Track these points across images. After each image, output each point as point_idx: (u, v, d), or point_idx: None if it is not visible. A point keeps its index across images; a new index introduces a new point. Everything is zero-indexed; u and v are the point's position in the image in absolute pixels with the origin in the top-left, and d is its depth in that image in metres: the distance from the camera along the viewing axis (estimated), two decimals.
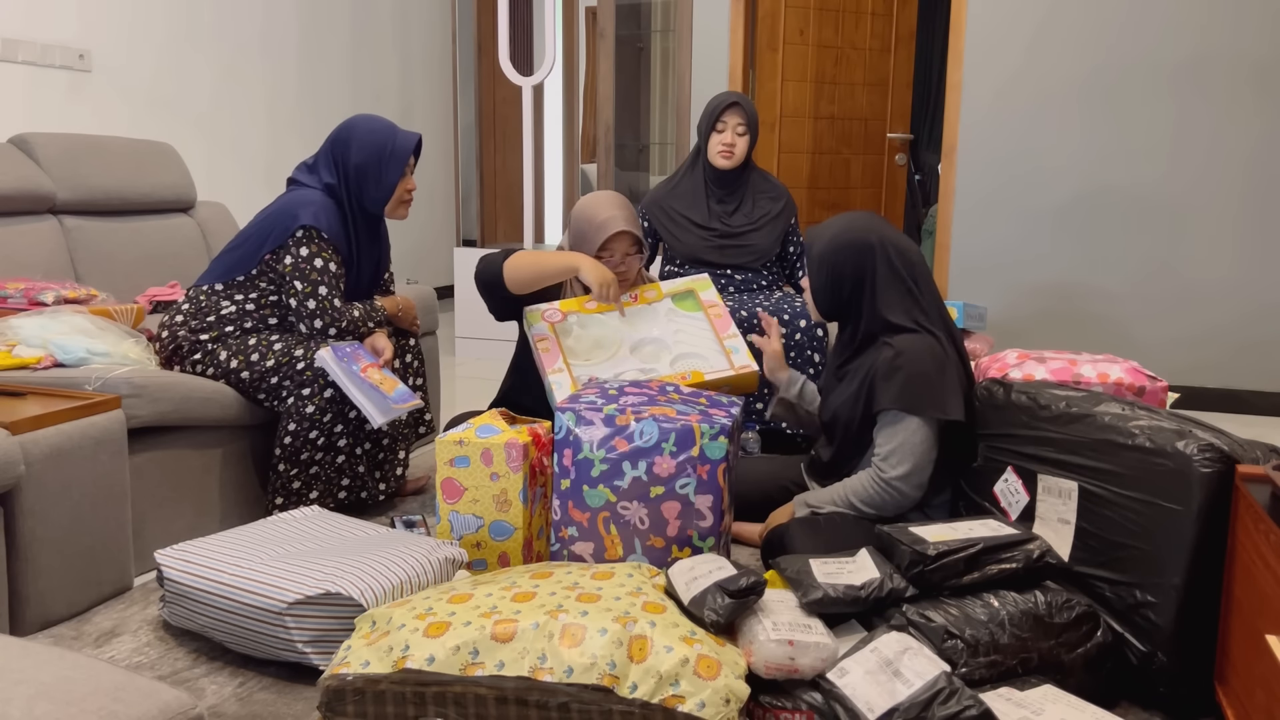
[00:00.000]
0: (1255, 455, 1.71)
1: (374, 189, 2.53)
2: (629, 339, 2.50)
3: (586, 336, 2.50)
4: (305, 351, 2.42)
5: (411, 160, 2.59)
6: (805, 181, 4.86)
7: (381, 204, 2.55)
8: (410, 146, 2.54)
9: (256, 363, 2.42)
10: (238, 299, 2.50)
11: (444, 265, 6.18)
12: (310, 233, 2.45)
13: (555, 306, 2.54)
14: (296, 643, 1.78)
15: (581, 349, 2.48)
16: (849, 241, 2.20)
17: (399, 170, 2.53)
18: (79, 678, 1.07)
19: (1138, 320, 4.11)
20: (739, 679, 1.51)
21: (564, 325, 2.52)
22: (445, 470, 2.10)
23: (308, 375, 2.39)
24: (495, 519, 2.09)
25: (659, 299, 2.58)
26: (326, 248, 2.47)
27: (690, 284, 2.61)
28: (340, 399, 2.41)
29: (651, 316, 2.55)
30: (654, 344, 2.50)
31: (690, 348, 2.49)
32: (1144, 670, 1.73)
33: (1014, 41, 4.15)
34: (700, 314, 2.56)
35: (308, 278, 2.45)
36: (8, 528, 1.91)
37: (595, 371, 2.44)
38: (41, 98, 3.76)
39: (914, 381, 2.10)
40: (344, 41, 5.44)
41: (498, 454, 2.07)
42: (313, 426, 2.41)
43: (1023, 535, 1.79)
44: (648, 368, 2.45)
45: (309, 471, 2.45)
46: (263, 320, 2.52)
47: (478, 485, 2.09)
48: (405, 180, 2.57)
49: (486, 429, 2.11)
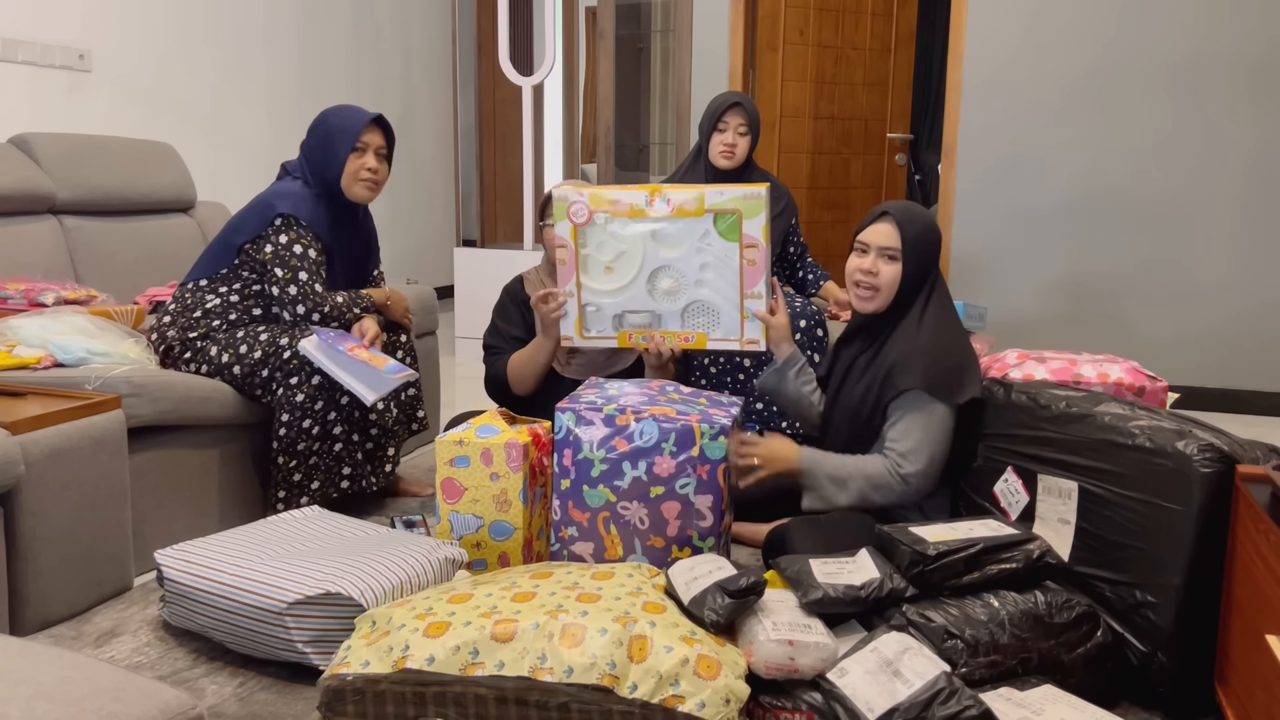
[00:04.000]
0: (1255, 455, 1.71)
1: (326, 167, 2.53)
2: (652, 260, 2.30)
3: (609, 245, 2.31)
4: (290, 340, 2.42)
5: (376, 141, 2.56)
6: (805, 181, 4.86)
7: (337, 180, 2.53)
8: (360, 121, 2.53)
9: (245, 354, 2.43)
10: (221, 291, 2.52)
11: (444, 265, 6.18)
12: (288, 220, 2.47)
13: (584, 200, 2.31)
14: (296, 643, 1.78)
15: (599, 261, 2.32)
16: (938, 228, 2.24)
17: (347, 145, 2.51)
18: (79, 678, 1.07)
19: (1138, 320, 4.11)
20: (739, 679, 1.51)
21: (588, 229, 2.31)
22: (445, 470, 2.10)
23: (294, 364, 2.39)
24: (495, 519, 2.09)
25: (699, 214, 2.25)
26: (305, 234, 2.48)
27: (740, 202, 2.23)
28: (330, 385, 2.41)
29: (684, 235, 2.28)
30: (674, 276, 2.31)
31: (708, 295, 2.29)
32: (1144, 670, 1.73)
33: (1014, 42, 4.15)
34: (735, 248, 2.26)
35: (288, 264, 2.46)
36: (8, 528, 1.91)
37: (603, 302, 2.33)
38: (41, 98, 3.76)
39: (939, 363, 2.11)
40: (344, 41, 5.44)
41: (498, 454, 2.07)
42: (305, 415, 2.41)
43: (1023, 535, 1.79)
44: (658, 310, 2.31)
45: (308, 462, 2.45)
46: (247, 311, 2.53)
47: (478, 485, 2.09)
48: (361, 158, 2.53)
49: (486, 429, 2.11)
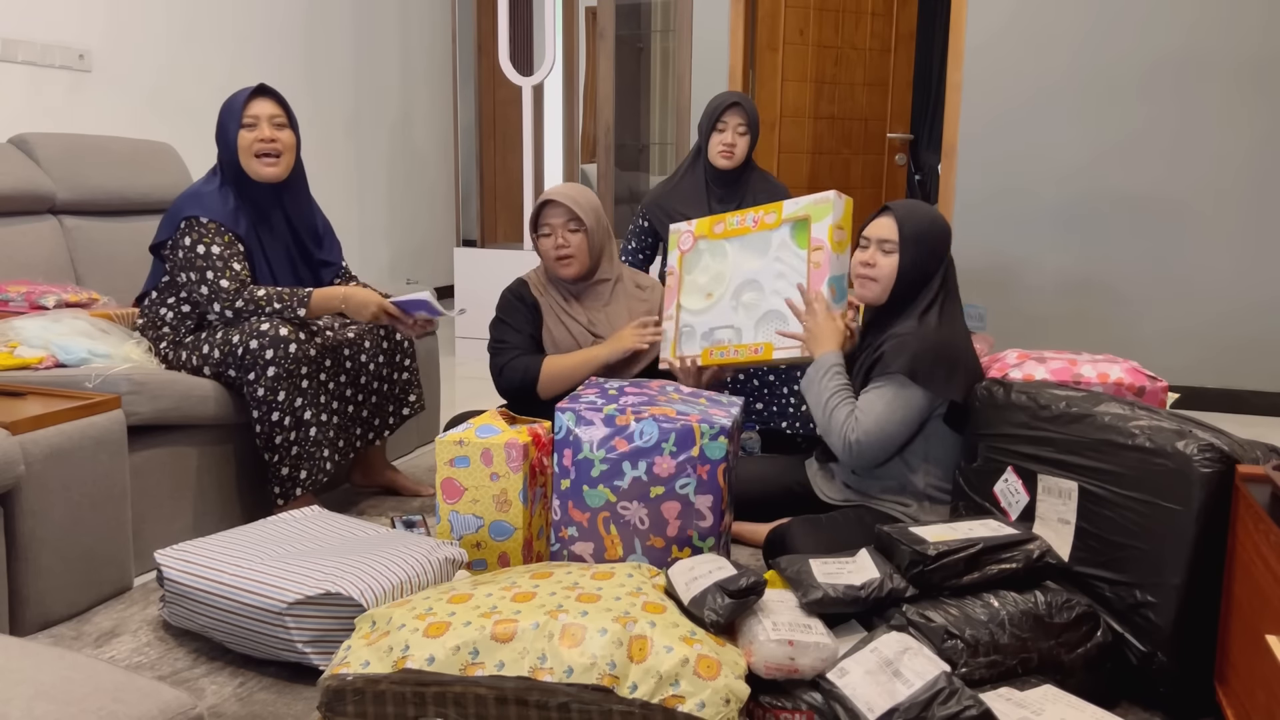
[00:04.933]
0: (1255, 455, 1.71)
1: (224, 150, 2.53)
2: (738, 274, 2.47)
3: (710, 267, 2.54)
4: (241, 335, 2.40)
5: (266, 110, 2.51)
6: (805, 181, 4.85)
7: (234, 158, 2.51)
8: (240, 95, 2.51)
9: (208, 355, 2.43)
10: (170, 302, 2.54)
11: (444, 265, 6.18)
12: (190, 222, 2.45)
13: (690, 230, 2.59)
14: (296, 643, 1.78)
15: (700, 285, 2.54)
16: (944, 226, 2.24)
17: (235, 123, 2.49)
18: (79, 678, 1.07)
19: (1138, 320, 4.11)
20: (739, 679, 1.51)
21: (693, 255, 2.57)
22: (445, 470, 2.10)
23: (247, 359, 2.38)
24: (495, 519, 2.09)
25: (775, 226, 2.39)
26: (209, 233, 2.45)
27: (810, 208, 2.34)
28: (288, 374, 2.39)
29: (764, 246, 2.41)
30: (754, 289, 2.43)
31: (781, 303, 2.38)
32: (1144, 670, 1.73)
33: (1014, 41, 4.15)
34: (805, 254, 2.34)
35: (195, 266, 2.44)
36: (8, 528, 1.91)
37: (696, 321, 2.53)
38: (41, 98, 3.76)
39: (929, 353, 2.11)
40: (344, 41, 5.44)
41: (498, 454, 2.07)
42: (271, 409, 2.40)
43: (1023, 535, 1.79)
44: (738, 323, 2.45)
45: (291, 454, 2.44)
46: (202, 318, 2.54)
47: (478, 485, 2.09)
48: (255, 131, 2.50)
49: (486, 429, 2.11)
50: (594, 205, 2.63)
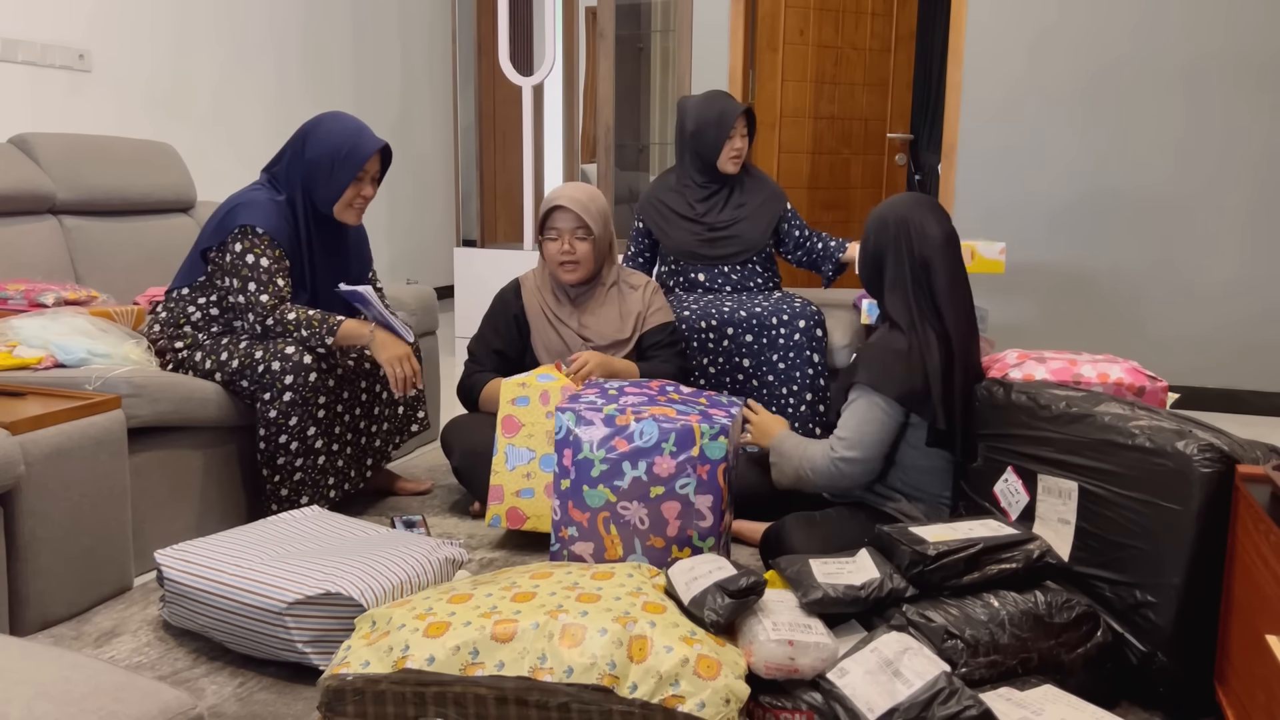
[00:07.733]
0: (1255, 455, 1.71)
1: (324, 188, 2.49)
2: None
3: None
4: (264, 354, 2.39)
5: (375, 169, 2.54)
6: (805, 181, 4.85)
7: (330, 204, 2.50)
8: (369, 151, 2.48)
9: (225, 363, 2.42)
10: (200, 303, 2.52)
11: (444, 265, 6.18)
12: (245, 230, 2.43)
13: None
14: (296, 643, 1.78)
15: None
16: (877, 216, 2.24)
17: (352, 173, 2.47)
18: (79, 678, 1.07)
19: (1138, 320, 4.11)
20: (739, 679, 1.51)
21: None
22: (507, 409, 2.41)
23: (266, 379, 2.37)
24: (545, 452, 2.37)
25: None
26: (260, 244, 2.43)
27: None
28: (304, 400, 2.39)
29: None
30: None
31: None
32: (1144, 670, 1.73)
33: (1014, 41, 4.15)
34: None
35: (239, 273, 2.43)
36: (8, 528, 1.91)
37: None
38: (41, 98, 3.76)
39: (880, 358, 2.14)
40: (344, 41, 5.44)
41: (555, 396, 2.39)
42: (280, 431, 2.39)
43: (1023, 535, 1.79)
44: None
45: (294, 478, 2.44)
46: (229, 324, 2.52)
47: (534, 421, 2.39)
48: (360, 186, 2.51)
49: (545, 376, 2.45)
50: (603, 211, 2.65)
